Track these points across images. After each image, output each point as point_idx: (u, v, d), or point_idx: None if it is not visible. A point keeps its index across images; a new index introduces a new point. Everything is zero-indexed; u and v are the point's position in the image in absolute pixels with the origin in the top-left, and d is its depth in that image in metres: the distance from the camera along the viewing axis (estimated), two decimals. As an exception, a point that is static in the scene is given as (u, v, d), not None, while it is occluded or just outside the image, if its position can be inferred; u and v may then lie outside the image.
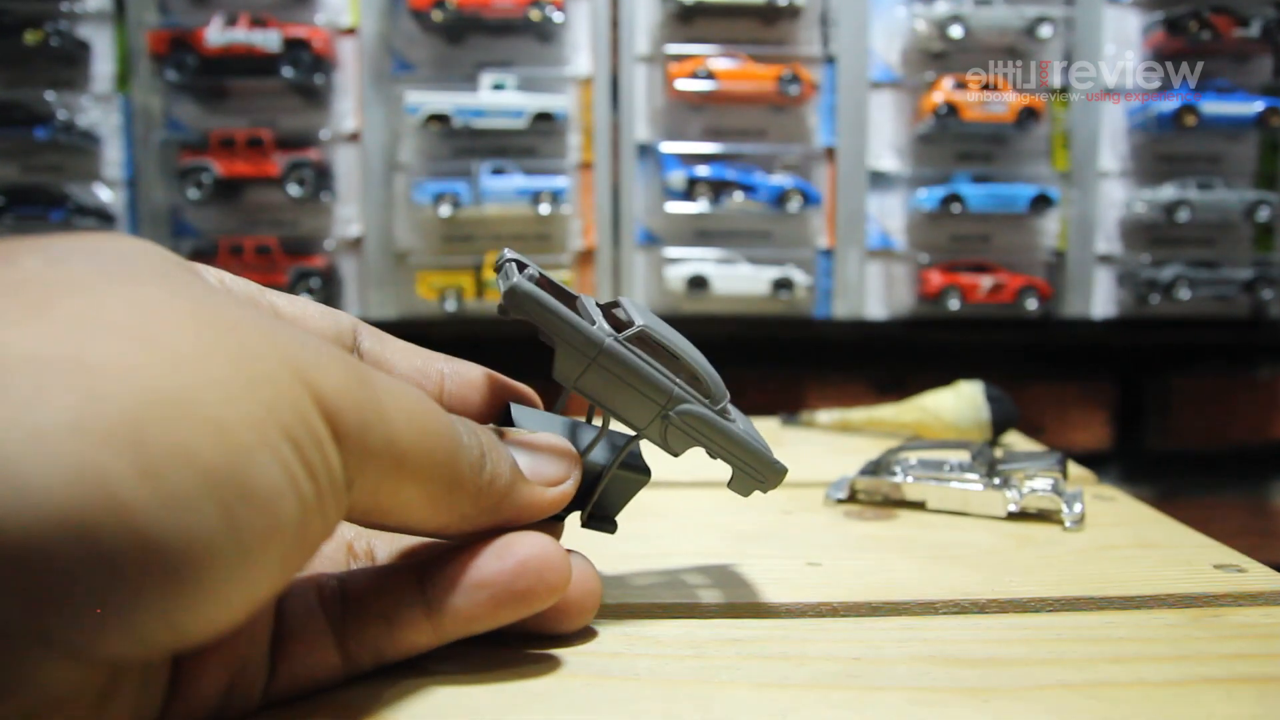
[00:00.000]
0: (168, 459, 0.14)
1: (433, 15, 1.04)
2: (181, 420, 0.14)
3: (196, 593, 0.15)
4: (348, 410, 0.18)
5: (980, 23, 1.07)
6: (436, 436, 0.20)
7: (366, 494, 0.19)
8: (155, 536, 0.14)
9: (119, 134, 1.07)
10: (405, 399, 0.20)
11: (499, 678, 0.23)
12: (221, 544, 0.15)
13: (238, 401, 0.15)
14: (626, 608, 0.28)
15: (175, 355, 0.15)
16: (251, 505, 0.15)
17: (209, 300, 0.17)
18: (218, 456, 0.15)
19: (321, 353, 0.18)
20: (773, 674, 0.24)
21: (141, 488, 0.14)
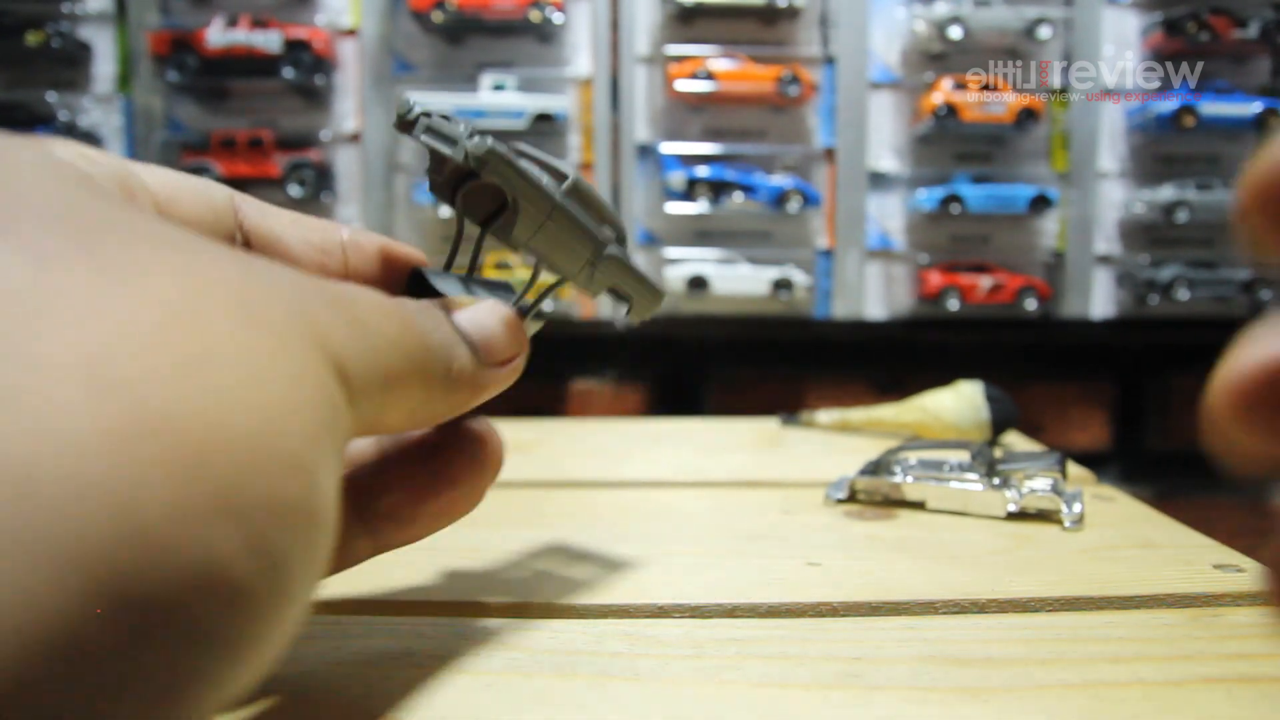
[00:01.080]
0: (268, 518, 0.13)
1: (433, 16, 1.04)
2: (277, 468, 0.13)
3: (281, 630, 0.14)
4: (354, 365, 0.16)
5: (979, 24, 1.07)
6: (415, 352, 0.19)
7: (358, 426, 0.17)
8: (256, 601, 0.13)
9: (120, 135, 1.07)
10: (385, 322, 0.18)
11: (499, 677, 0.23)
12: (305, 581, 0.14)
13: (304, 425, 0.14)
14: (626, 608, 0.28)
15: (242, 387, 0.13)
16: (321, 529, 0.14)
17: (207, 263, 0.14)
18: (302, 494, 0.13)
19: (323, 301, 0.16)
20: (773, 674, 0.24)
21: (246, 556, 0.12)
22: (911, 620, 0.28)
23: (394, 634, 0.26)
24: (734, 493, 0.44)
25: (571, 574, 0.32)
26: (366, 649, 0.25)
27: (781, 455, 0.55)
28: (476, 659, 0.24)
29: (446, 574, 0.31)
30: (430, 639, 0.26)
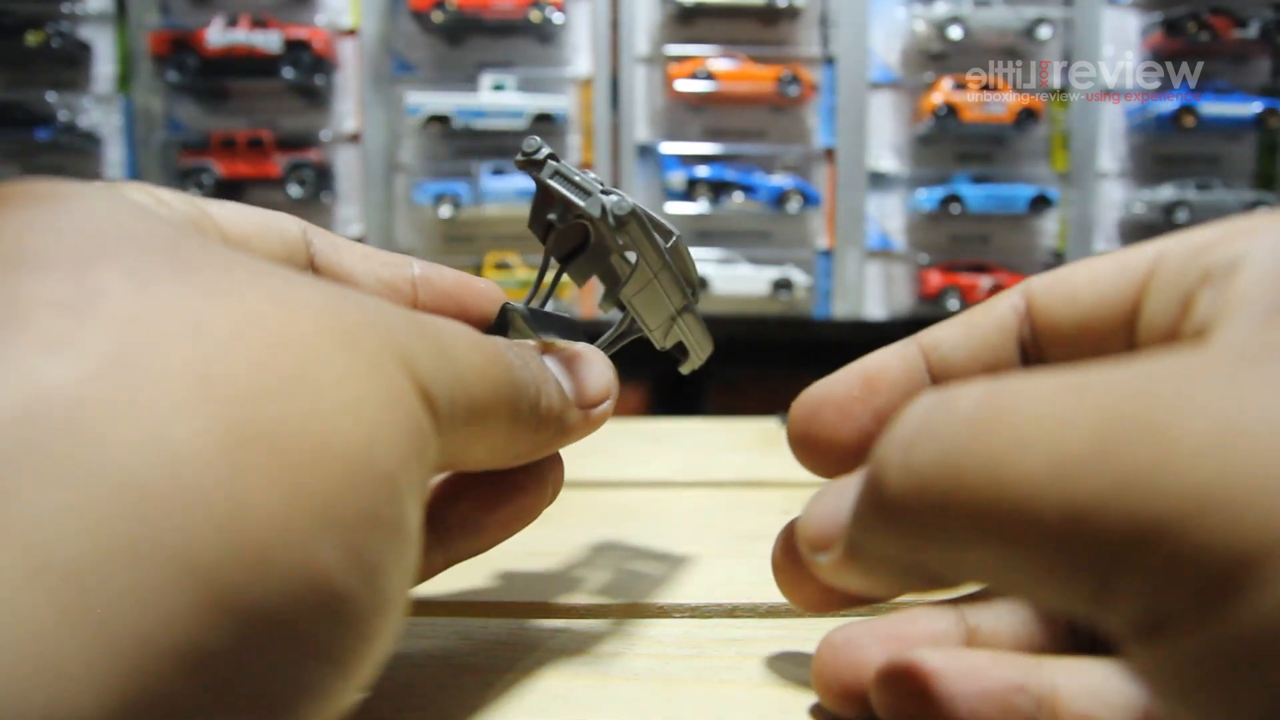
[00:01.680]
0: (366, 531, 0.13)
1: (433, 16, 1.04)
2: (370, 484, 0.13)
3: (380, 644, 0.14)
4: (440, 394, 0.16)
5: (979, 24, 1.07)
6: (502, 386, 0.18)
7: (445, 457, 0.18)
8: (357, 612, 0.13)
9: (120, 135, 1.07)
10: (472, 354, 0.18)
11: (499, 677, 0.23)
12: (397, 591, 0.14)
13: (398, 444, 0.14)
14: (627, 608, 0.28)
15: (343, 404, 0.13)
16: (411, 542, 0.14)
17: (298, 287, 0.15)
18: (394, 512, 0.14)
19: (411, 330, 0.16)
20: (774, 674, 0.24)
21: (348, 567, 0.13)
22: (912, 620, 0.28)
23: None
24: (734, 493, 0.44)
25: (571, 574, 0.32)
26: (366, 649, 0.25)
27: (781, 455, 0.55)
28: (476, 659, 0.24)
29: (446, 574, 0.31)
30: (430, 639, 0.26)
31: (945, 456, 0.13)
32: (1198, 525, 0.11)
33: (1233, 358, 0.12)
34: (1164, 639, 0.11)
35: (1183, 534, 0.11)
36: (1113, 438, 0.11)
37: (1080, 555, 0.12)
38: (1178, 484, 0.11)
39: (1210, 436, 0.11)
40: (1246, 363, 0.12)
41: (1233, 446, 0.11)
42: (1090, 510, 0.11)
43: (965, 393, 0.13)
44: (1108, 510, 0.11)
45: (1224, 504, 0.11)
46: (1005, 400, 0.13)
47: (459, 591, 0.30)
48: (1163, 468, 0.11)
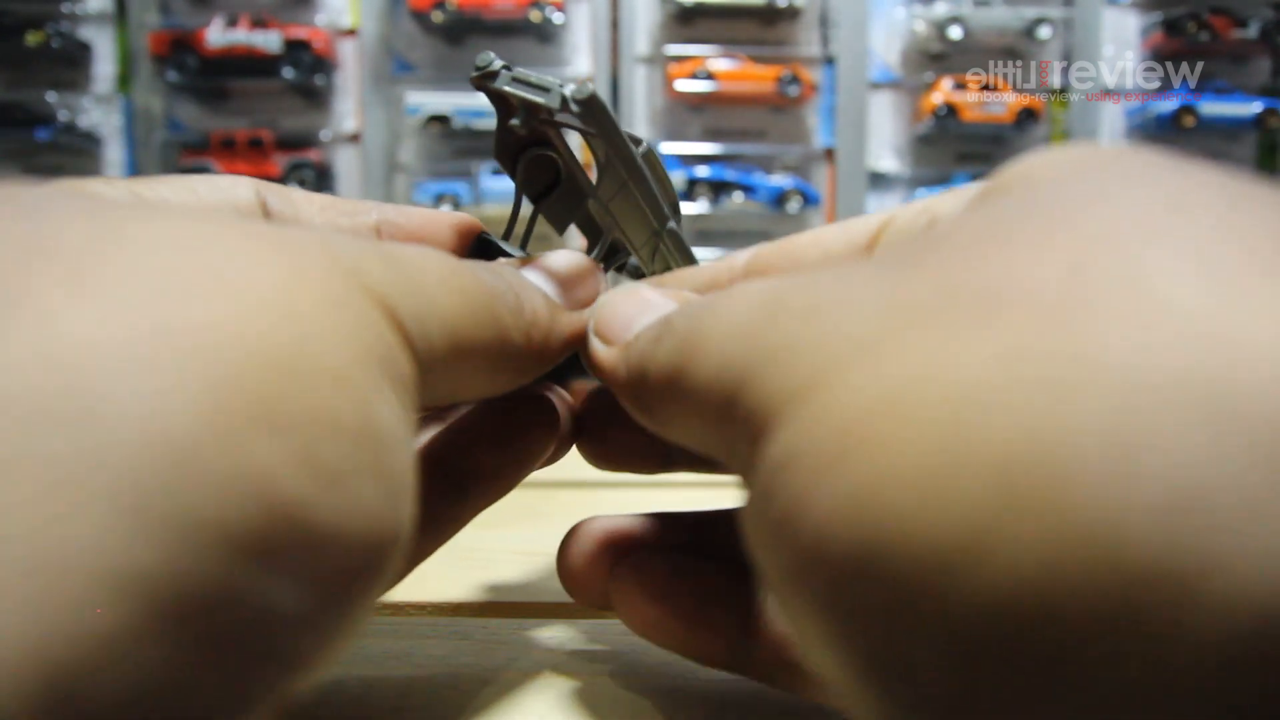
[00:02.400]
0: (313, 430, 0.12)
1: (433, 16, 1.04)
2: (318, 380, 0.12)
3: (379, 580, 0.13)
4: (414, 327, 0.15)
5: (979, 24, 1.07)
6: (478, 299, 0.17)
7: (429, 395, 0.16)
8: (325, 524, 0.11)
9: (120, 135, 1.07)
10: (442, 271, 0.17)
11: (499, 677, 0.23)
12: (383, 514, 0.13)
13: (344, 342, 0.13)
14: (628, 608, 0.28)
15: (270, 302, 0.12)
16: (390, 451, 0.13)
17: (233, 220, 0.14)
18: (355, 413, 0.12)
19: (379, 259, 0.15)
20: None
21: (299, 471, 0.11)
22: (912, 620, 0.28)
23: (394, 634, 0.26)
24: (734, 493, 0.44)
25: (571, 574, 0.32)
26: (366, 649, 0.25)
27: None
28: (476, 659, 0.24)
29: (446, 574, 0.31)
30: (430, 639, 0.26)
31: (667, 355, 0.16)
32: (753, 386, 0.12)
33: (858, 264, 0.13)
34: (742, 488, 0.13)
35: (748, 394, 0.12)
36: (745, 320, 0.13)
37: (712, 420, 0.14)
38: (757, 351, 0.13)
39: (797, 310, 0.13)
40: (861, 264, 0.13)
41: (798, 317, 0.12)
42: (715, 379, 0.14)
43: (692, 304, 0.16)
44: (722, 378, 0.13)
45: (767, 363, 0.12)
46: (705, 304, 0.15)
47: (459, 591, 0.30)
48: (753, 340, 0.13)
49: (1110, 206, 0.11)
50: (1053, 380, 0.09)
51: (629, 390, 0.18)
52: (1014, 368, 0.09)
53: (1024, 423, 0.09)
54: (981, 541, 0.09)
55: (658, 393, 0.16)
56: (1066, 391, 0.09)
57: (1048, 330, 0.09)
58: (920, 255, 0.12)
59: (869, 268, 0.13)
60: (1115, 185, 0.12)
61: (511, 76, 0.21)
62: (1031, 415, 0.09)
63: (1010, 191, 0.13)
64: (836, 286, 0.13)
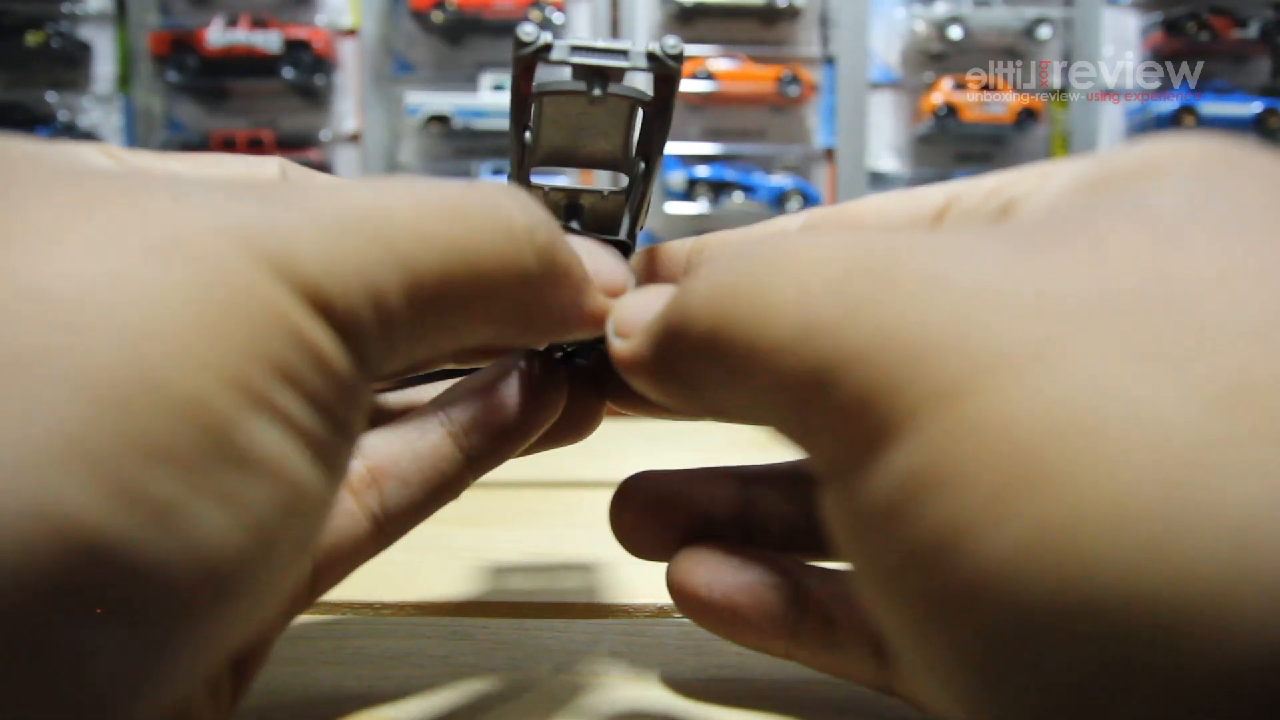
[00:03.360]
0: (137, 464, 0.10)
1: (433, 16, 1.04)
2: (143, 409, 0.10)
3: (226, 606, 0.12)
4: (348, 284, 0.13)
5: (979, 24, 1.07)
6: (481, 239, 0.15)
7: (410, 351, 0.15)
8: (144, 561, 0.10)
9: (120, 135, 1.07)
10: (408, 214, 0.14)
11: (499, 677, 0.23)
12: (234, 541, 0.11)
13: (206, 351, 0.11)
14: (626, 608, 0.29)
15: (95, 298, 0.11)
16: (258, 479, 0.12)
17: (82, 172, 0.13)
18: (199, 444, 0.11)
19: (277, 206, 0.13)
20: (773, 673, 0.24)
21: (111, 508, 0.10)
22: (911, 620, 0.28)
23: (394, 634, 0.26)
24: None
25: (571, 574, 0.32)
26: (366, 649, 0.25)
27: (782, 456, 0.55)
28: (476, 659, 0.24)
29: (447, 574, 0.31)
30: (430, 639, 0.26)
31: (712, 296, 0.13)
32: (870, 371, 0.10)
33: (971, 235, 0.12)
34: (832, 486, 0.11)
35: (858, 378, 0.11)
36: (840, 280, 0.11)
37: (785, 391, 0.12)
38: (868, 327, 0.11)
39: (918, 284, 0.11)
40: (977, 236, 0.12)
41: (926, 297, 0.10)
42: (793, 346, 0.11)
43: (748, 244, 0.14)
44: (806, 347, 0.11)
45: (897, 350, 0.10)
46: (767, 247, 0.13)
47: (459, 591, 0.30)
48: (860, 312, 0.11)
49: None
50: None
51: (657, 363, 0.16)
52: (1236, 407, 0.09)
53: (1264, 471, 0.08)
54: (1227, 597, 0.08)
55: (700, 353, 0.14)
56: None
57: (1265, 363, 0.09)
58: (1054, 242, 0.11)
59: (987, 240, 0.11)
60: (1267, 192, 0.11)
61: (570, 46, 0.19)
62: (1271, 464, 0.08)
63: (1135, 184, 0.12)
64: (959, 257, 0.11)
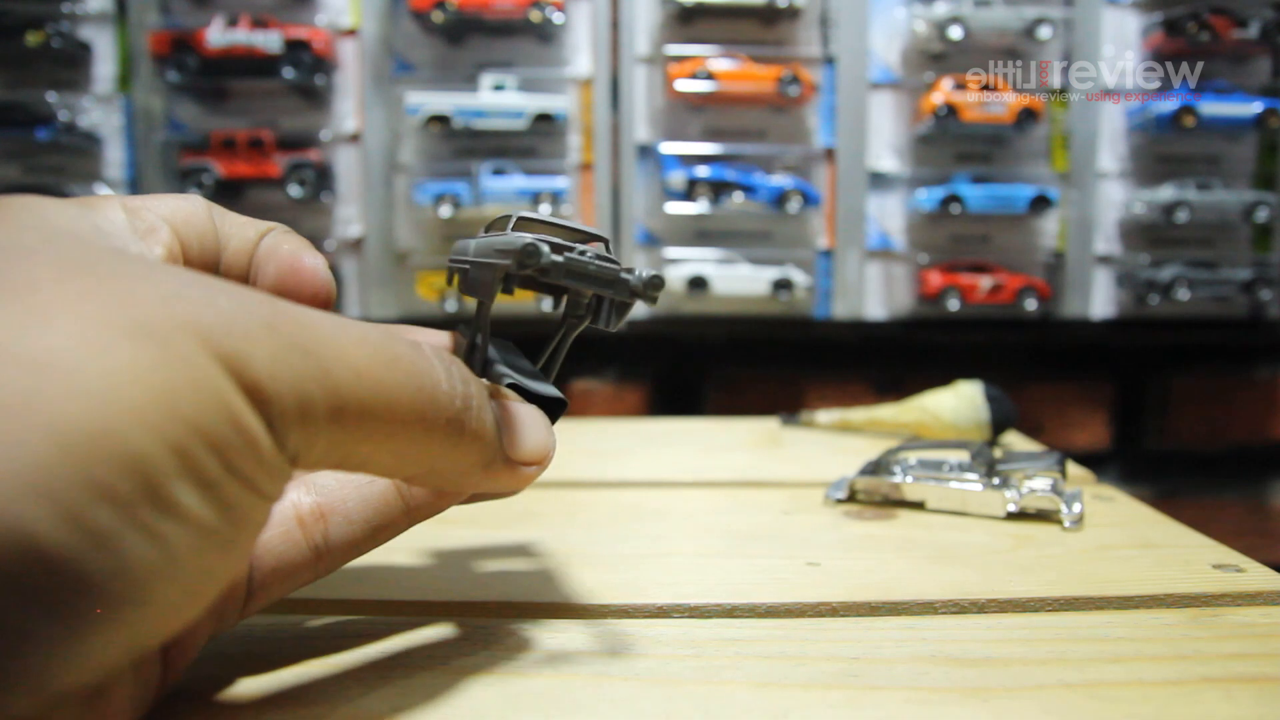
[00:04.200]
0: (86, 497, 0.14)
1: (433, 16, 1.04)
2: (97, 456, 0.14)
3: (141, 613, 0.15)
4: (283, 389, 0.16)
5: (979, 24, 1.07)
6: (400, 389, 0.19)
7: (325, 456, 0.18)
8: (81, 573, 0.14)
9: (120, 135, 1.07)
10: (354, 351, 0.18)
11: (498, 677, 0.23)
12: (154, 566, 0.15)
13: (155, 420, 0.15)
14: (626, 608, 0.29)
15: (76, 369, 0.14)
16: (180, 523, 0.15)
17: (88, 260, 0.16)
18: (136, 487, 0.14)
19: (241, 313, 0.16)
20: (772, 674, 0.24)
21: (62, 531, 0.14)
22: (911, 620, 0.28)
23: (394, 634, 0.26)
24: (734, 493, 0.44)
25: (571, 574, 0.32)
26: (366, 649, 0.25)
27: (781, 455, 0.55)
28: (476, 659, 0.24)
29: (447, 574, 0.31)
30: (430, 639, 0.26)
31: None
32: None
33: None
34: None
35: None
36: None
37: None
38: None
39: None
40: None
41: None
42: None
43: None
44: None
45: None
46: None
47: (459, 592, 0.30)
48: None
49: None
50: None
51: None
52: None
53: None
54: None
55: None
56: None
57: None
58: None
59: None
60: None
61: (567, 268, 0.22)
62: None
63: None
64: None
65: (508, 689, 0.23)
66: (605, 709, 0.22)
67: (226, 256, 0.24)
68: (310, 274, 0.24)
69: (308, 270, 0.24)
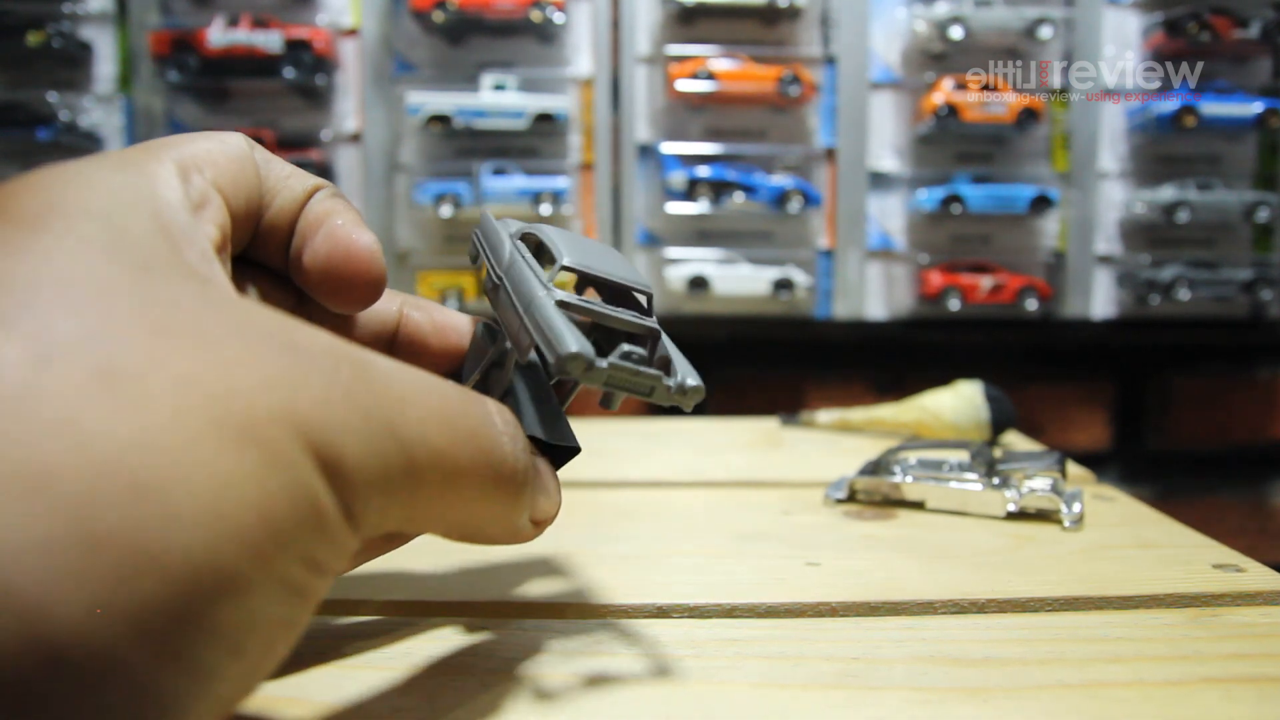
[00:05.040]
0: (189, 635, 0.13)
1: (434, 16, 1.04)
2: (204, 593, 0.13)
3: (211, 709, 0.15)
4: (371, 478, 0.16)
5: (980, 24, 1.07)
6: (466, 445, 0.19)
7: (389, 528, 0.18)
8: (170, 700, 0.13)
9: (121, 135, 1.07)
10: (428, 401, 0.18)
11: (499, 679, 0.23)
12: (230, 672, 0.14)
13: (258, 544, 0.14)
14: (625, 608, 0.29)
15: (180, 489, 0.13)
16: (259, 631, 0.15)
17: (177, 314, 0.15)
18: (233, 614, 0.14)
19: (333, 395, 0.16)
20: (771, 674, 0.24)
21: (163, 667, 0.13)
22: (910, 620, 0.28)
23: (394, 634, 0.26)
24: (733, 493, 0.44)
25: (570, 574, 0.32)
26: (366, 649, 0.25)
27: (781, 455, 0.55)
28: (476, 659, 0.24)
29: (446, 574, 0.31)
30: (430, 639, 0.26)
31: None
32: None
33: None
34: None
35: None
36: None
37: None
38: None
39: None
40: None
41: None
42: None
43: None
44: None
45: None
46: None
47: (458, 592, 0.30)
48: None
49: None
50: None
51: None
52: None
53: None
54: None
55: None
56: None
57: None
58: None
59: None
60: None
61: (607, 375, 0.21)
62: None
63: None
64: None
65: (507, 688, 0.23)
66: (605, 708, 0.22)
67: (270, 213, 0.23)
68: (365, 260, 0.23)
69: (363, 255, 0.23)
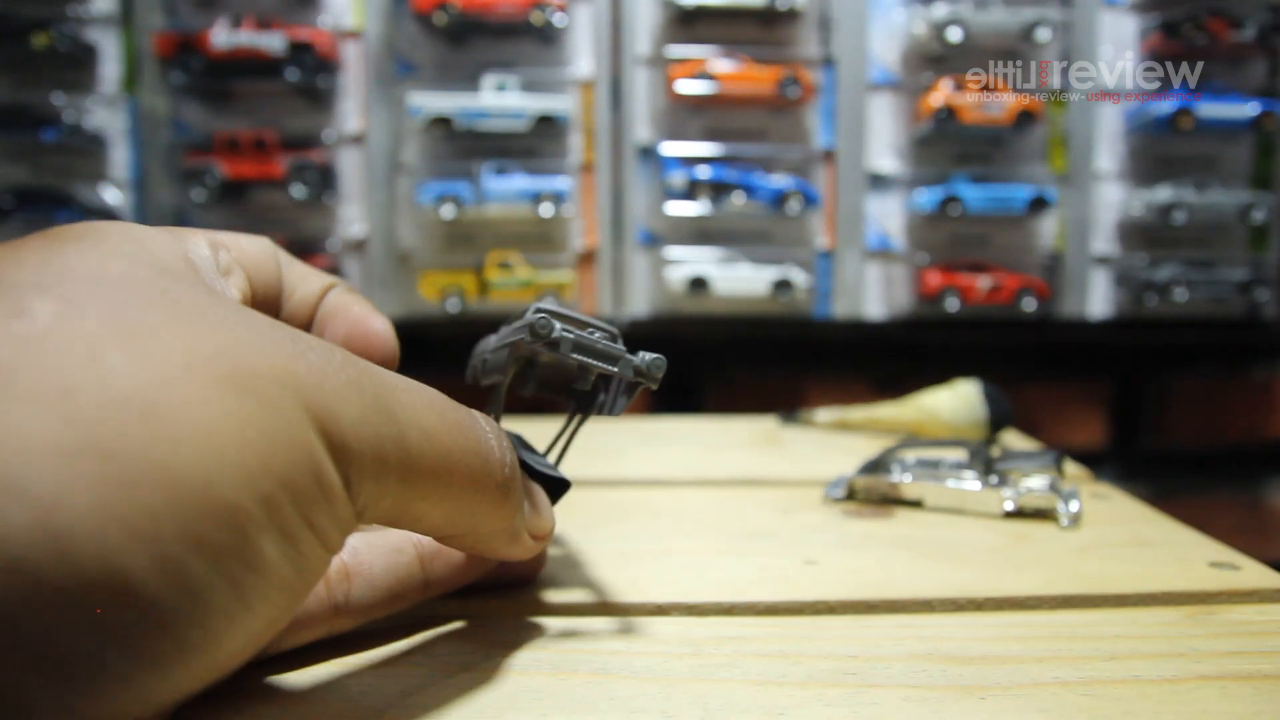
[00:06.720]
0: (184, 549, 0.14)
1: (436, 18, 1.05)
2: (199, 509, 0.15)
3: (204, 653, 0.16)
4: (365, 447, 0.18)
5: (978, 25, 1.08)
6: (460, 453, 0.20)
7: (387, 511, 0.19)
8: (166, 618, 0.14)
9: (125, 136, 1.08)
10: (427, 416, 0.20)
11: (498, 676, 0.23)
12: (228, 610, 0.15)
13: (252, 473, 0.15)
14: (624, 606, 0.29)
15: (184, 418, 0.15)
16: (260, 574, 0.16)
17: (197, 306, 0.17)
18: (229, 539, 0.15)
19: (331, 370, 0.18)
20: (770, 672, 0.24)
21: (157, 578, 0.14)
22: (908, 618, 0.28)
23: (394, 634, 0.26)
24: (733, 491, 0.45)
25: (570, 572, 0.32)
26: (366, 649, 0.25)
27: (780, 454, 0.55)
28: (476, 658, 0.24)
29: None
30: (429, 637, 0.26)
31: None
32: None
33: None
34: None
35: None
36: None
37: None
38: None
39: None
40: None
41: None
42: None
43: None
44: None
45: None
46: None
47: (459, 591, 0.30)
48: None
49: None
50: None
51: None
52: None
53: None
54: None
55: None
56: None
57: None
58: None
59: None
60: None
61: (573, 342, 0.24)
62: None
63: None
64: None
65: (506, 687, 0.23)
66: (604, 707, 0.22)
67: (289, 306, 0.25)
68: (380, 338, 0.26)
69: (378, 335, 0.26)
